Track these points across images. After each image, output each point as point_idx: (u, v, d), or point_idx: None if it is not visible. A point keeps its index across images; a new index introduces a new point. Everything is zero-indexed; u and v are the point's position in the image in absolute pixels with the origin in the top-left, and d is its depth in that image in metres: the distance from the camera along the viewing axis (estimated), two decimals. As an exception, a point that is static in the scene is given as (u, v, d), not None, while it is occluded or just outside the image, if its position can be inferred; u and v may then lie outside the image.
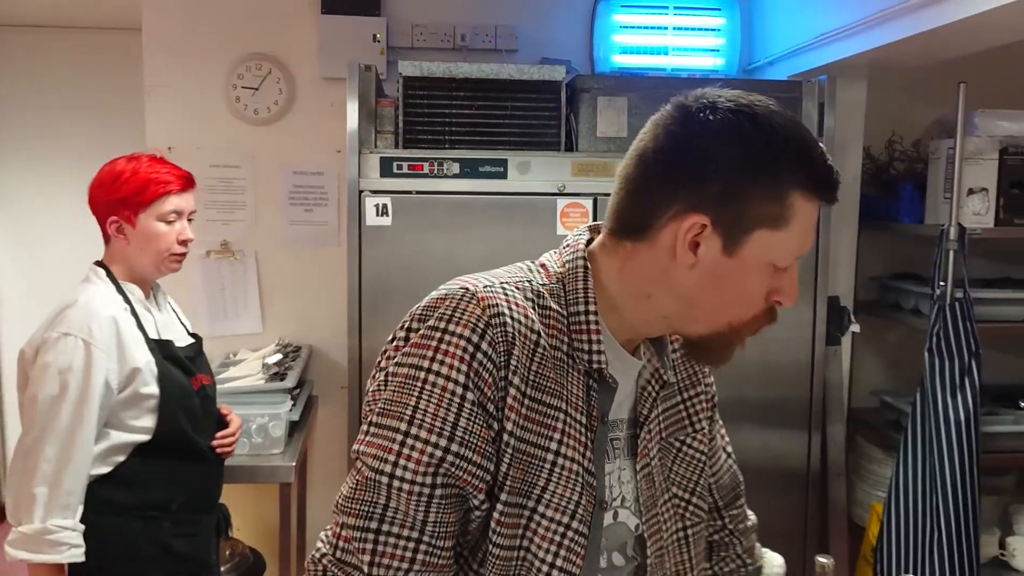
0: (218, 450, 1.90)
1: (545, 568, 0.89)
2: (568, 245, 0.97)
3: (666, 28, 2.79)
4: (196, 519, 1.84)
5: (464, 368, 0.83)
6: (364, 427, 0.88)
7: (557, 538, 0.89)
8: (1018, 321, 2.55)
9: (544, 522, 0.88)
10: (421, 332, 0.86)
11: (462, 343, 0.84)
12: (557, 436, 0.89)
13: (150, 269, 1.82)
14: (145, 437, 1.72)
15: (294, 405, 2.31)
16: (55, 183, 4.16)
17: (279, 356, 2.50)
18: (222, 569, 2.25)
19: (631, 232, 0.91)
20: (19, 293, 4.18)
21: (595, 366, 0.91)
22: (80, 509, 1.63)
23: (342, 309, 2.25)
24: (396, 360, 0.86)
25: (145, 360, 1.72)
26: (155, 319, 1.82)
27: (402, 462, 0.83)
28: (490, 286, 0.89)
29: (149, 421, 1.72)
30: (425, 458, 0.83)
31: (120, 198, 1.77)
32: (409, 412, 0.84)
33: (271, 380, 2.32)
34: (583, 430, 0.91)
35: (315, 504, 2.79)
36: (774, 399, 2.34)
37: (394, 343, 0.89)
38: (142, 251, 1.79)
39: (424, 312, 0.87)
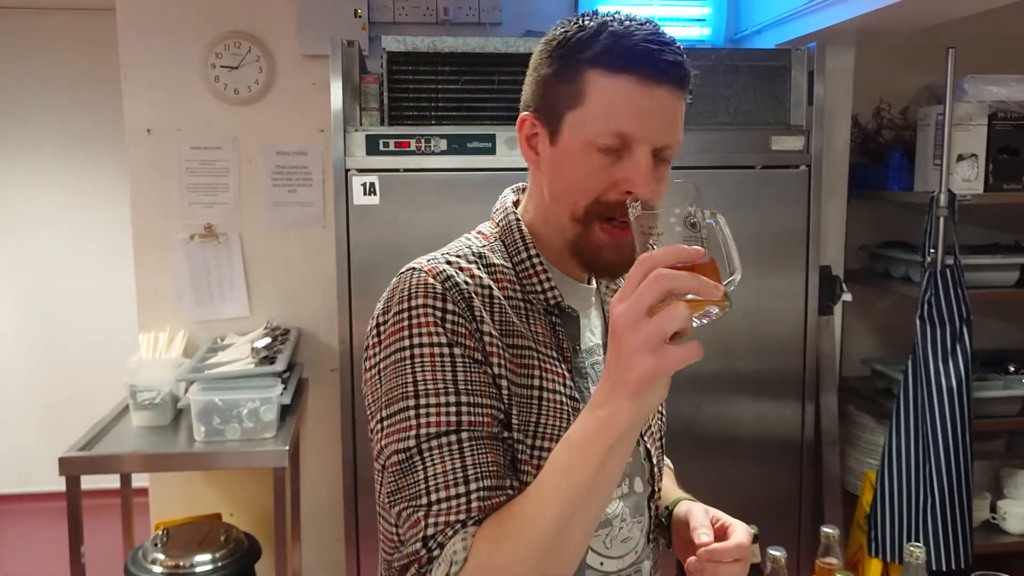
0: None
1: None
2: (497, 208, 1.05)
3: (651, -2, 2.75)
4: None
5: (441, 330, 0.88)
6: (376, 426, 0.90)
7: None
8: (1007, 286, 2.56)
9: (544, 453, 0.92)
10: (390, 321, 0.90)
11: (429, 311, 0.88)
12: (537, 372, 0.94)
13: None
14: None
15: (285, 389, 2.28)
16: (32, 171, 4.09)
17: (268, 339, 2.47)
18: (218, 555, 2.24)
19: (530, 167, 1.00)
20: (-2, 282, 4.11)
21: (552, 302, 0.98)
22: None
23: (330, 290, 2.22)
24: (379, 356, 0.91)
25: None
26: None
27: (423, 431, 0.86)
28: (433, 259, 0.95)
29: None
30: (443, 419, 0.86)
31: None
32: (411, 389, 0.87)
33: (261, 364, 2.29)
34: (557, 363, 0.96)
35: (308, 488, 2.78)
36: (767, 370, 2.33)
37: (370, 344, 0.93)
38: None
39: (385, 305, 0.92)
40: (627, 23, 0.91)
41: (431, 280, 0.90)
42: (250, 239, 2.75)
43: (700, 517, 1.04)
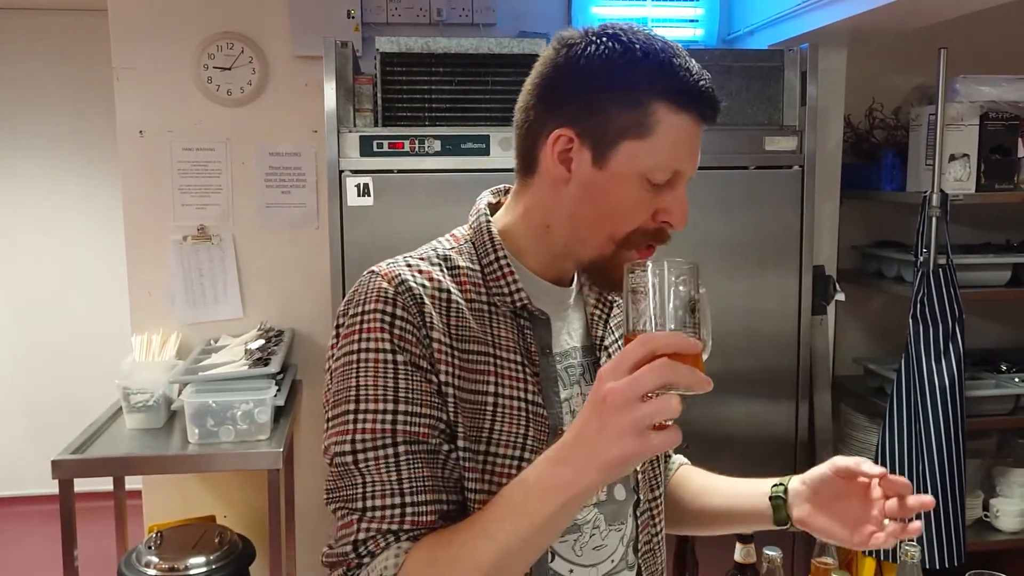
0: None
1: None
2: (472, 211, 1.03)
3: (644, -1, 2.76)
4: None
5: (387, 336, 0.88)
6: (324, 425, 0.91)
7: (513, 472, 0.91)
8: (999, 286, 2.57)
9: (499, 460, 0.92)
10: (345, 324, 0.91)
11: (378, 316, 0.89)
12: (492, 379, 0.93)
13: None
14: None
15: (279, 390, 2.28)
16: (24, 172, 4.07)
17: (261, 341, 2.46)
18: (212, 557, 2.23)
19: (525, 169, 0.98)
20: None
21: (519, 304, 0.96)
22: None
23: (323, 291, 2.22)
24: (334, 357, 0.92)
25: None
26: None
27: (359, 436, 0.87)
28: (393, 263, 0.95)
29: None
30: (379, 425, 0.87)
31: None
32: (353, 393, 0.88)
33: (254, 366, 2.29)
34: (519, 367, 0.95)
35: (303, 489, 2.77)
36: (761, 369, 2.34)
37: (330, 347, 0.94)
38: None
39: (344, 308, 0.93)
40: (679, 52, 0.90)
41: (385, 284, 0.90)
42: (243, 240, 2.74)
43: (849, 460, 1.02)
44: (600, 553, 1.01)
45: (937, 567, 2.32)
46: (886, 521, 0.98)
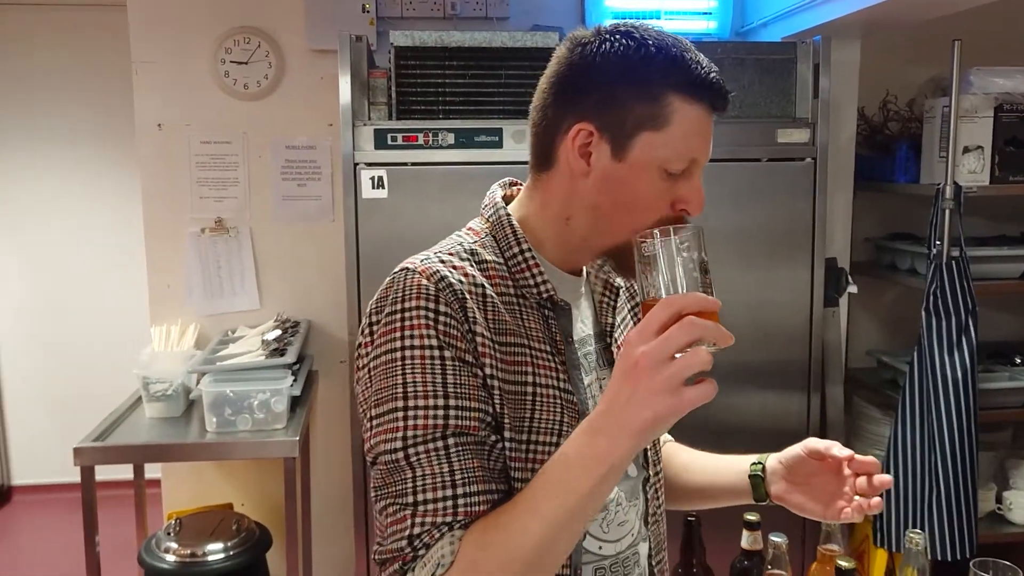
0: None
1: None
2: (487, 204, 1.05)
3: (658, -9, 2.76)
4: None
5: (432, 332, 0.89)
6: (366, 425, 0.91)
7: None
8: (1013, 278, 2.57)
9: (539, 448, 0.94)
10: (383, 321, 0.91)
11: (422, 312, 0.89)
12: (529, 369, 0.95)
13: None
14: None
15: (295, 380, 2.31)
16: (43, 166, 4.12)
17: (278, 332, 2.49)
18: (229, 543, 2.27)
19: (542, 164, 1.00)
20: (6, 277, 4.15)
21: (545, 295, 0.99)
22: None
23: (339, 283, 2.25)
24: (371, 355, 0.91)
25: None
26: None
27: (410, 433, 0.87)
28: (426, 259, 0.95)
29: None
30: (431, 421, 0.87)
31: None
32: (400, 390, 0.88)
33: (271, 356, 2.32)
34: (550, 356, 0.97)
35: (319, 477, 2.81)
36: (773, 361, 2.35)
37: (363, 343, 0.93)
38: None
39: (378, 304, 0.93)
40: (688, 46, 0.93)
41: (424, 281, 0.90)
42: (260, 233, 2.78)
43: (821, 442, 1.06)
44: (623, 529, 1.05)
45: (948, 559, 2.32)
46: (857, 497, 1.02)
